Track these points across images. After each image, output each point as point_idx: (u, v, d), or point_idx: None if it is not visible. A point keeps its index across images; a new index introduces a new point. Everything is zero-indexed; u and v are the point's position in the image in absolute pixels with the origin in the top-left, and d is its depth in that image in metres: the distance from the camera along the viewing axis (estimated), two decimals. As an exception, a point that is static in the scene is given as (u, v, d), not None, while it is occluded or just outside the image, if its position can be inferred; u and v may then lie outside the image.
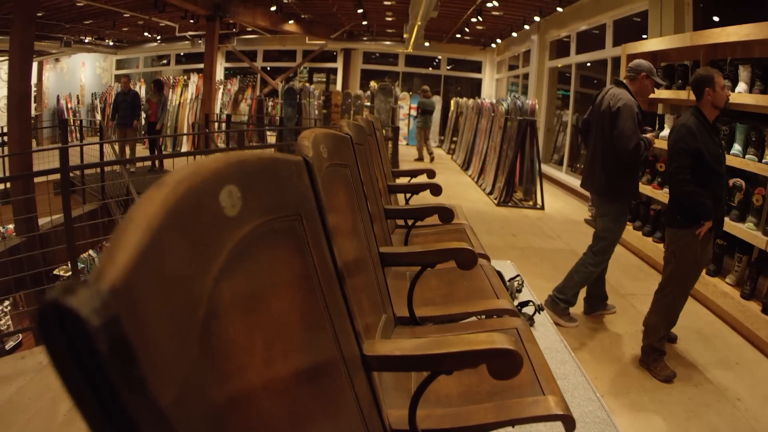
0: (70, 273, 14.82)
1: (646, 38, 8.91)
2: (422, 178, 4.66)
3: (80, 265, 16.26)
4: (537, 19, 14.14)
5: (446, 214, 3.17)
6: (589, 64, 12.97)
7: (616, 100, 4.45)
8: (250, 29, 20.88)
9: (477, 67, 23.00)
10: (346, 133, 2.38)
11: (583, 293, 5.12)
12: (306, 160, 1.33)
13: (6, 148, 10.69)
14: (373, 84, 19.86)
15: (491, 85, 22.34)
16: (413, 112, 19.61)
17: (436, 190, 4.00)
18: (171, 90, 18.04)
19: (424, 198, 4.19)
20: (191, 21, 16.96)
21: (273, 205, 1.07)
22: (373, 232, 2.46)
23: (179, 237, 0.66)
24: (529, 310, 4.40)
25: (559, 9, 12.49)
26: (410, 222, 3.66)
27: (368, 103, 16.82)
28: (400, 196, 4.55)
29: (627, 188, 4.68)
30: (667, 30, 8.26)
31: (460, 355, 1.48)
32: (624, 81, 4.62)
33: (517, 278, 5.01)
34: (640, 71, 4.56)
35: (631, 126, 4.33)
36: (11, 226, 16.64)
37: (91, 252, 16.33)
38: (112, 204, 9.05)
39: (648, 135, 4.59)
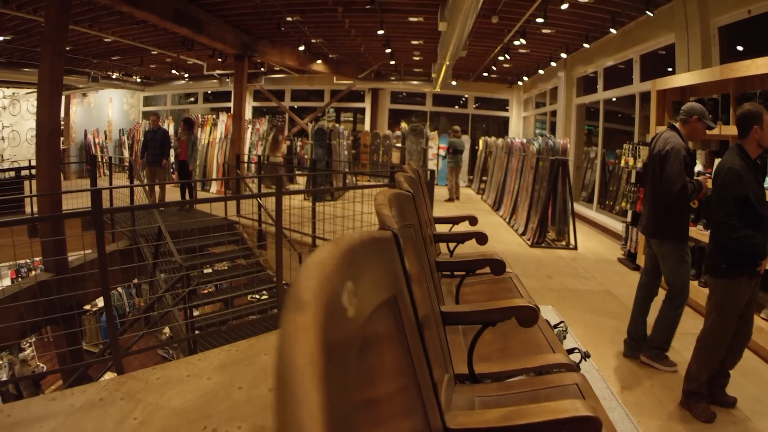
0: (96, 308, 15.02)
1: (671, 71, 9.00)
2: (464, 226, 4.59)
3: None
4: (563, 55, 14.10)
5: (498, 267, 3.12)
6: (615, 99, 12.90)
7: (665, 144, 4.46)
8: (277, 68, 21.04)
9: (503, 105, 22.99)
10: (408, 191, 2.32)
11: (623, 335, 5.16)
12: (394, 234, 1.27)
13: (34, 182, 10.72)
14: (404, 125, 19.89)
15: (518, 123, 22.29)
16: (442, 152, 19.62)
17: (482, 239, 3.92)
18: (200, 129, 18.11)
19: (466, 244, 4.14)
20: (219, 60, 17.09)
21: (377, 291, 1.03)
22: (435, 289, 2.40)
23: (335, 370, 0.60)
24: (575, 357, 4.28)
25: (586, 45, 12.43)
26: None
27: (399, 144, 16.81)
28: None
29: (676, 229, 4.62)
30: (694, 63, 8.26)
31: (544, 424, 1.48)
32: (676, 124, 4.60)
33: (561, 324, 4.89)
34: (692, 114, 4.53)
35: (678, 169, 4.30)
36: (38, 259, 16.78)
37: (119, 289, 16.50)
38: (143, 243, 9.03)
39: (700, 178, 4.54)
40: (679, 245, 4.66)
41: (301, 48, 15.96)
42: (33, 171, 12.61)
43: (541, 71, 17.01)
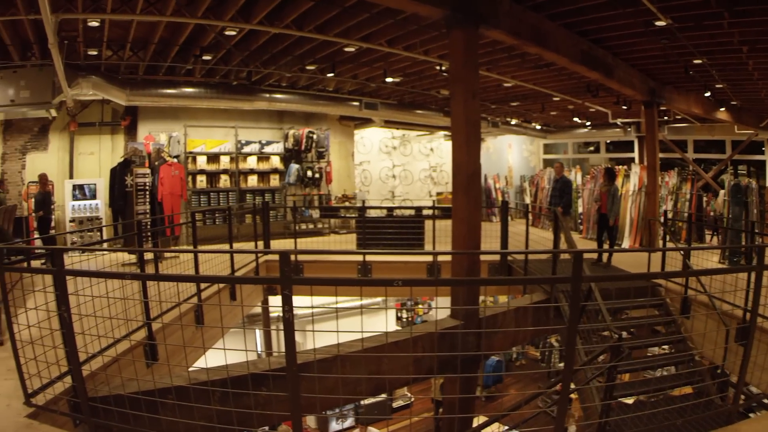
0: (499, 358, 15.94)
1: None
2: None
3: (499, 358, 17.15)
4: None
5: None
6: None
7: None
8: (679, 117, 20.18)
9: None
10: None
11: None
12: None
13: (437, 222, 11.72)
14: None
15: None
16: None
17: None
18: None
19: None
20: (624, 107, 16.79)
21: None
22: None
23: None
24: None
25: None
26: None
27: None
28: None
29: None
30: None
31: None
32: None
33: None
34: None
35: None
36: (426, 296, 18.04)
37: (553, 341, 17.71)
38: (561, 297, 8.71)
39: None
40: None
41: (707, 94, 14.99)
42: (435, 211, 13.64)
43: None
